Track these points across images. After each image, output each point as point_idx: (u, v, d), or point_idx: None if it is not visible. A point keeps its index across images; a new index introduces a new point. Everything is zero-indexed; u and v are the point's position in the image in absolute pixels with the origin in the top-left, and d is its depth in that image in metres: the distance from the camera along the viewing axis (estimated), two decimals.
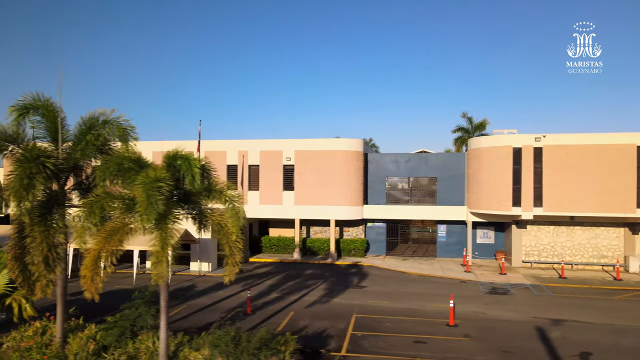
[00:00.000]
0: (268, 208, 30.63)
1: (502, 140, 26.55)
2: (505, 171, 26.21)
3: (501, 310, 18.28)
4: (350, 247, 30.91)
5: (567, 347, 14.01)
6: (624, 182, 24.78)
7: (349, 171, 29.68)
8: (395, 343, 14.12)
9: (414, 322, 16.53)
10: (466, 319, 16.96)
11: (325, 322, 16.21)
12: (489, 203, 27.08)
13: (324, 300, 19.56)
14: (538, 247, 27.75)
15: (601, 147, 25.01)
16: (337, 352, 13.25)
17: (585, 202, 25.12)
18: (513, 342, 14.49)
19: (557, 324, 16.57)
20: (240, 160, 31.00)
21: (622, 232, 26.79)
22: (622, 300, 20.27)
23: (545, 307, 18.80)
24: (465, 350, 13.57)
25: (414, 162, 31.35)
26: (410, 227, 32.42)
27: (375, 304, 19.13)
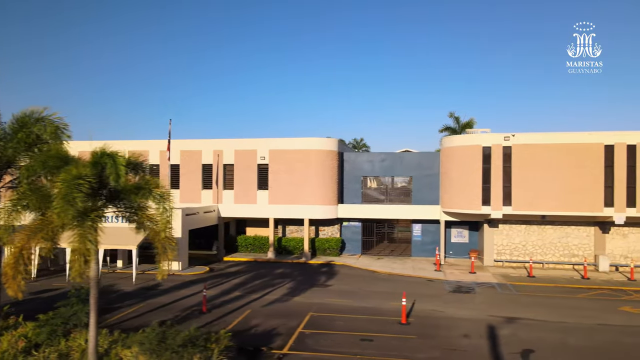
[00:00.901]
0: (242, 207, 30.64)
1: (472, 140, 26.59)
2: (475, 170, 26.26)
3: (459, 309, 18.30)
4: (325, 246, 30.92)
5: (512, 345, 14.04)
6: (592, 181, 24.84)
7: (323, 170, 29.70)
8: (340, 341, 14.15)
9: (368, 320, 16.55)
10: (421, 317, 17.00)
11: (277, 321, 16.22)
12: (459, 202, 27.13)
13: (284, 299, 19.57)
14: (510, 246, 27.80)
15: (569, 146, 25.07)
16: (279, 350, 13.26)
17: (553, 201, 25.18)
18: (460, 340, 14.52)
19: (511, 322, 16.61)
20: (216, 160, 31.01)
21: (592, 231, 26.84)
22: (583, 298, 20.31)
23: (504, 306, 18.85)
24: (409, 348, 13.59)
25: (389, 162, 31.40)
26: (385, 226, 32.43)
27: (336, 302, 19.15)
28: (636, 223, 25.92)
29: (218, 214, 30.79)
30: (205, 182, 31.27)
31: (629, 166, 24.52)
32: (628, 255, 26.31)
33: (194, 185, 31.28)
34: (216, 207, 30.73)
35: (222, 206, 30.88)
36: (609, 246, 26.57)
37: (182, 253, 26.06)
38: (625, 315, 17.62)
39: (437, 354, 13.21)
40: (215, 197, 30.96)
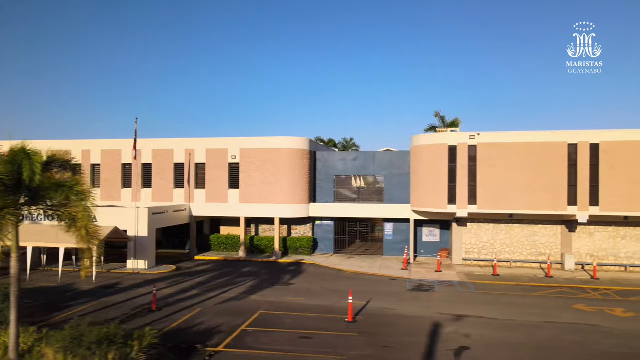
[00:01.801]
0: (214, 206, 30.67)
1: (438, 138, 26.66)
2: (441, 169, 26.32)
3: (412, 307, 18.36)
4: (297, 245, 30.95)
5: (450, 342, 14.11)
6: (555, 180, 24.92)
7: (293, 169, 29.74)
8: (280, 339, 14.19)
9: (316, 318, 16.61)
10: (371, 316, 17.05)
11: (225, 319, 16.26)
12: (427, 201, 27.20)
13: (241, 297, 19.62)
14: (478, 244, 27.87)
15: (534, 145, 25.15)
16: (214, 347, 13.30)
17: (518, 200, 25.26)
18: (401, 337, 14.58)
19: (458, 319, 16.68)
20: (187, 159, 31.03)
21: (559, 230, 26.92)
22: (540, 296, 20.39)
23: (457, 304, 18.91)
24: (345, 346, 13.64)
25: (362, 161, 31.46)
26: (358, 225, 32.47)
27: (291, 300, 19.20)
28: (602, 222, 26.02)
29: (190, 213, 30.81)
30: (177, 181, 31.28)
31: (592, 165, 24.62)
32: (594, 254, 26.41)
33: (166, 184, 31.30)
34: (188, 206, 30.75)
35: (193, 205, 30.90)
36: (575, 245, 26.65)
37: (148, 252, 26.07)
38: (576, 313, 17.69)
39: (370, 351, 13.26)
40: (187, 196, 30.99)
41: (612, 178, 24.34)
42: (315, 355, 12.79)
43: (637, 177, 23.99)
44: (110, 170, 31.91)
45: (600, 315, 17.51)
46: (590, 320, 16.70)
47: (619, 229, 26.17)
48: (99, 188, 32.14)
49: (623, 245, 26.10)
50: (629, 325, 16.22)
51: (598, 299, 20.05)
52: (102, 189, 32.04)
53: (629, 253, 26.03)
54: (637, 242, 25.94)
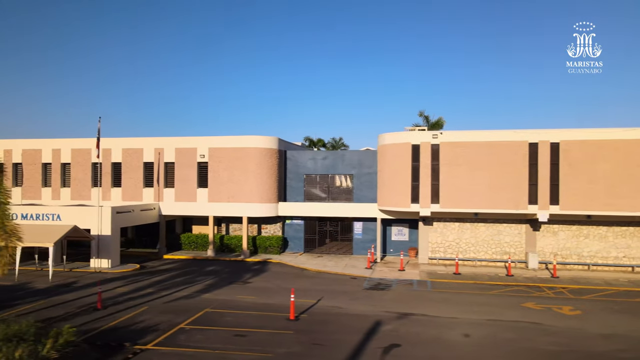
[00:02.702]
0: (183, 205, 30.67)
1: (402, 137, 26.70)
2: (404, 168, 26.37)
3: (361, 305, 18.39)
4: (266, 244, 30.97)
5: (384, 339, 14.14)
6: (517, 179, 24.99)
7: (261, 168, 29.75)
8: (213, 336, 14.21)
9: (259, 316, 16.64)
10: (315, 314, 17.08)
11: (167, 317, 16.28)
12: (391, 200, 27.24)
13: (193, 296, 19.63)
14: (444, 243, 27.92)
15: (495, 144, 25.21)
16: (143, 345, 13.31)
17: (480, 199, 25.32)
18: (336, 335, 14.60)
19: (402, 317, 16.72)
20: (157, 158, 31.03)
21: (523, 229, 26.98)
22: (493, 295, 20.43)
23: (407, 302, 18.95)
24: (275, 343, 13.66)
25: (331, 160, 31.50)
26: (327, 224, 32.50)
27: (242, 299, 19.23)
28: (566, 221, 26.09)
29: (159, 212, 30.81)
30: (146, 180, 31.28)
31: (552, 164, 24.69)
32: (558, 253, 26.47)
33: (135, 183, 31.29)
34: (157, 205, 30.75)
35: (163, 204, 30.90)
36: (539, 244, 26.72)
37: (112, 250, 26.06)
38: (523, 311, 17.74)
39: (298, 348, 13.29)
40: (157, 195, 30.98)
41: (571, 177, 24.42)
42: (240, 353, 12.81)
43: (595, 177, 24.07)
44: (81, 170, 31.89)
45: (547, 313, 17.56)
46: (534, 318, 16.75)
47: (582, 227, 26.24)
48: (69, 187, 32.16)
49: (586, 244, 26.17)
50: (571, 323, 16.27)
51: (550, 297, 20.10)
52: (72, 188, 32.02)
53: (591, 252, 26.10)
54: (599, 241, 26.02)
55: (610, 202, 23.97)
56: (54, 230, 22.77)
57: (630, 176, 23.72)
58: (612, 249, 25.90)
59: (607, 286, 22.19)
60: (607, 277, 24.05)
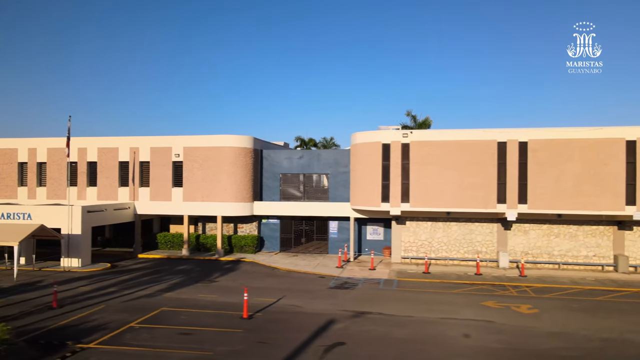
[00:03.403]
0: (158, 204, 30.67)
1: (373, 137, 26.73)
2: (375, 167, 26.40)
3: (320, 304, 18.40)
4: (241, 244, 30.98)
5: (331, 338, 14.17)
6: (486, 178, 25.03)
7: (235, 167, 29.76)
8: (159, 335, 14.23)
9: (213, 315, 16.67)
10: (272, 312, 17.12)
11: (121, 316, 16.30)
12: (363, 199, 27.27)
13: (155, 294, 19.65)
14: (416, 243, 27.95)
15: (465, 143, 25.25)
16: (87, 344, 13.32)
17: (450, 198, 25.36)
18: (285, 333, 14.62)
19: (358, 316, 16.75)
20: (132, 157, 31.03)
21: (495, 228, 27.02)
22: (457, 293, 20.46)
23: (368, 301, 18.97)
24: (220, 342, 13.69)
25: (307, 159, 31.52)
26: (303, 223, 32.51)
27: (202, 297, 19.26)
28: (537, 220, 26.15)
29: (134, 211, 30.81)
30: (122, 180, 31.28)
31: (521, 163, 24.73)
32: (529, 252, 26.52)
33: (111, 183, 31.28)
34: (132, 205, 30.75)
35: (138, 203, 30.90)
36: (511, 243, 26.76)
37: (82, 249, 26.04)
38: (480, 310, 17.77)
39: (241, 346, 13.31)
40: (132, 195, 30.98)
41: (539, 176, 24.47)
42: (180, 352, 12.83)
43: (562, 176, 24.13)
44: (57, 169, 31.88)
45: (504, 311, 17.60)
46: (488, 317, 16.79)
47: (553, 226, 26.29)
48: (45, 187, 32.16)
49: (556, 243, 26.22)
50: (525, 321, 16.31)
51: (513, 296, 20.15)
52: (48, 187, 32.02)
53: (562, 251, 26.15)
54: (570, 240, 26.07)
55: (577, 201, 24.03)
56: (20, 229, 22.77)
57: (596, 175, 23.78)
58: (582, 248, 25.96)
59: (573, 285, 22.24)
60: (575, 276, 24.11)
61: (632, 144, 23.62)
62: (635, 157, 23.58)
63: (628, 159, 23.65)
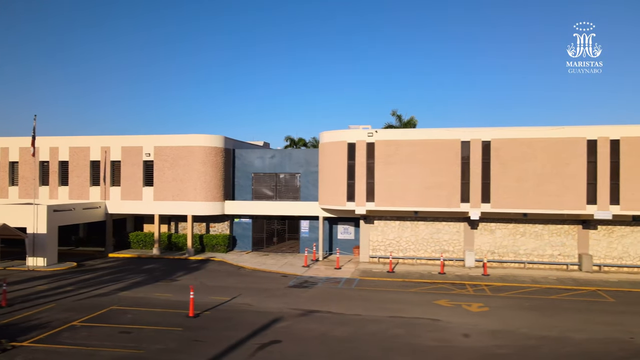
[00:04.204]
0: (129, 204, 30.67)
1: (339, 136, 26.78)
2: (341, 166, 26.46)
3: (273, 303, 18.43)
4: (213, 243, 31.01)
5: (269, 336, 14.21)
6: (450, 177, 25.10)
7: (206, 167, 29.78)
8: (98, 333, 14.26)
9: (161, 313, 16.69)
10: (220, 311, 17.16)
11: (67, 314, 16.32)
12: (329, 198, 27.33)
13: (110, 293, 19.67)
14: (385, 242, 28.00)
15: (429, 143, 25.30)
16: (22, 342, 13.34)
17: (414, 197, 25.42)
18: (226, 331, 14.65)
19: (305, 314, 16.80)
20: (103, 156, 31.03)
21: (462, 227, 27.09)
22: (413, 292, 20.51)
23: (321, 299, 19.02)
24: (156, 340, 13.71)
25: (279, 158, 31.56)
26: (275, 223, 32.54)
27: (156, 296, 19.29)
28: (503, 219, 26.23)
29: (105, 211, 30.81)
30: (93, 179, 31.29)
31: (484, 162, 24.80)
32: (495, 251, 26.60)
33: (82, 182, 31.29)
34: (103, 204, 30.74)
35: (109, 202, 30.90)
36: (477, 242, 26.84)
37: (48, 249, 26.02)
38: (431, 308, 17.82)
39: (174, 345, 13.35)
40: (103, 194, 30.99)
41: (502, 175, 24.55)
42: (112, 350, 12.86)
43: (525, 175, 24.21)
44: (28, 168, 31.86)
45: (454, 310, 17.67)
46: (436, 315, 16.84)
47: (519, 226, 26.38)
48: (17, 186, 32.15)
49: (522, 242, 26.31)
50: (470, 319, 16.37)
51: (469, 294, 20.21)
52: (20, 187, 32.01)
53: (528, 250, 26.24)
54: (535, 239, 26.15)
55: (539, 200, 24.11)
56: None
57: (558, 174, 23.86)
58: (547, 247, 26.05)
59: (532, 284, 22.31)
60: (538, 275, 24.19)
61: (593, 143, 23.72)
62: (596, 157, 23.68)
63: (589, 159, 23.75)
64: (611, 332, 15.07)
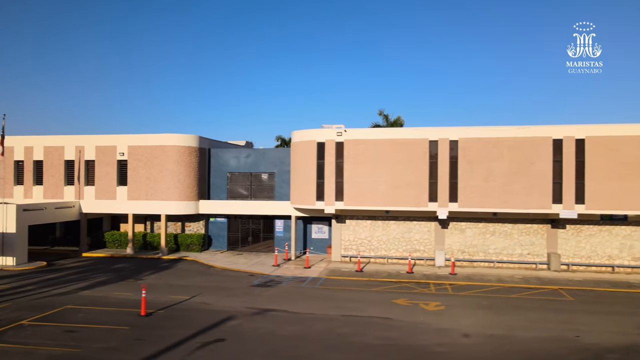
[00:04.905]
0: (103, 203, 30.66)
1: (309, 135, 26.80)
2: (311, 165, 26.48)
3: (230, 302, 18.46)
4: (187, 242, 31.01)
5: (216, 334, 14.25)
6: (418, 177, 25.13)
7: (180, 166, 29.78)
8: (43, 332, 14.27)
9: (113, 312, 16.71)
10: (175, 310, 17.18)
11: (19, 313, 16.32)
12: (300, 197, 27.35)
13: (69, 292, 19.68)
14: (356, 241, 28.03)
15: (397, 142, 25.34)
16: None
17: (382, 196, 25.45)
18: (174, 330, 14.66)
19: (259, 313, 16.83)
20: (78, 156, 31.01)
21: (432, 227, 27.13)
22: (375, 292, 20.53)
23: (280, 299, 19.05)
24: (98, 339, 13.73)
25: (254, 158, 31.57)
26: (250, 222, 32.56)
27: (116, 295, 19.30)
28: (473, 218, 26.28)
29: (79, 210, 30.79)
30: (68, 178, 31.27)
31: (452, 162, 24.85)
32: (465, 250, 26.65)
33: (57, 181, 31.26)
34: (77, 203, 30.72)
35: (83, 202, 30.88)
36: (448, 241, 26.89)
37: (17, 248, 25.99)
38: (387, 307, 17.83)
39: (115, 344, 13.36)
40: (77, 193, 30.97)
41: (470, 174, 24.59)
42: (51, 349, 12.87)
43: (491, 174, 24.26)
44: (3, 168, 31.81)
45: (410, 308, 17.70)
46: (390, 314, 16.87)
47: (489, 225, 26.43)
48: None
49: (492, 242, 26.36)
50: (424, 318, 16.39)
51: (430, 293, 20.24)
52: None
53: (497, 249, 26.29)
54: (505, 238, 26.21)
55: (506, 199, 24.16)
56: None
57: (524, 173, 23.92)
58: (516, 246, 26.11)
59: (497, 283, 22.36)
60: (505, 274, 24.23)
61: (559, 142, 23.78)
62: (562, 156, 23.74)
63: (555, 158, 23.81)
64: (559, 330, 15.12)
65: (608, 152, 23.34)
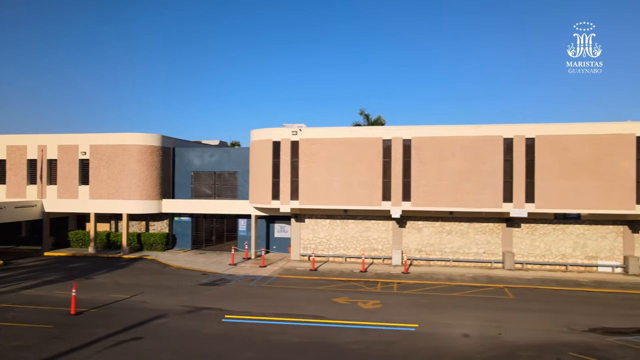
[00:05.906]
0: (65, 202, 30.62)
1: (265, 134, 26.82)
2: (267, 164, 26.50)
3: (170, 300, 18.46)
4: (150, 241, 30.99)
5: (137, 333, 14.28)
6: (372, 176, 25.17)
7: (142, 165, 29.76)
8: None
9: (45, 311, 16.71)
10: (108, 308, 17.20)
11: None
12: (258, 196, 27.37)
13: (10, 292, 19.68)
14: (315, 240, 28.06)
15: (351, 141, 25.36)
16: None
17: (337, 195, 25.48)
18: (98, 328, 14.66)
19: (192, 312, 16.87)
20: (40, 155, 30.96)
21: (390, 226, 27.18)
22: (321, 290, 20.55)
23: (221, 298, 19.07)
24: (20, 337, 13.75)
25: (218, 157, 31.58)
26: (214, 221, 32.57)
27: (57, 294, 19.27)
28: (430, 217, 26.34)
29: (42, 209, 30.75)
30: (31, 177, 31.22)
31: (405, 161, 24.89)
32: (422, 249, 26.71)
33: (19, 180, 31.21)
34: (40, 202, 30.68)
35: (46, 201, 30.84)
36: (405, 240, 26.94)
37: None
38: (325, 306, 17.84)
39: (32, 342, 13.38)
40: (40, 192, 30.93)
41: (423, 173, 24.64)
42: None
43: (443, 173, 24.31)
44: None
45: (347, 307, 17.72)
46: (325, 313, 16.89)
47: (445, 224, 26.50)
48: None
49: (448, 240, 26.42)
50: (356, 316, 16.41)
51: (373, 292, 20.26)
52: None
53: (454, 248, 26.35)
54: (461, 237, 26.27)
55: (458, 198, 24.22)
56: None
57: (475, 173, 23.98)
58: (472, 245, 26.18)
59: (446, 281, 22.41)
60: (456, 273, 24.28)
61: (510, 141, 23.84)
62: (513, 155, 23.80)
63: (505, 157, 23.87)
64: (484, 328, 15.17)
65: (559, 151, 23.42)
